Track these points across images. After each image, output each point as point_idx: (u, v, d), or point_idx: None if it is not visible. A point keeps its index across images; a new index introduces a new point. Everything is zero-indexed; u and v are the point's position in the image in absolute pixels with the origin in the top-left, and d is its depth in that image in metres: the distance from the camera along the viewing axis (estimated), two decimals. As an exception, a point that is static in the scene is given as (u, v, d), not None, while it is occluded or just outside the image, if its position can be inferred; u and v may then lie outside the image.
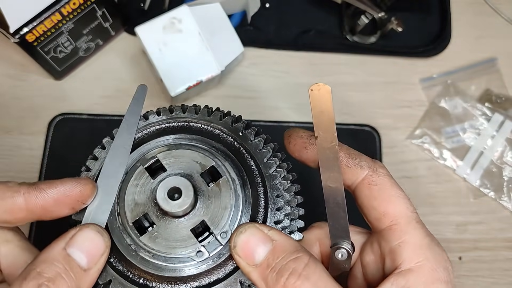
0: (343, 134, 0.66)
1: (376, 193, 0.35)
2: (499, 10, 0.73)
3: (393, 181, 0.35)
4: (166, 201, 0.32)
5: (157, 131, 0.37)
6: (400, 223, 0.34)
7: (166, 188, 0.32)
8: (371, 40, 0.70)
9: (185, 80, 0.59)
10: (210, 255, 0.33)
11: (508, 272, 0.63)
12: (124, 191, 0.34)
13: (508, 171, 0.66)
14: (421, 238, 0.34)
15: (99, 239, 0.31)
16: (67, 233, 0.31)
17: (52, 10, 0.55)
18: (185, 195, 0.32)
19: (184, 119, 0.38)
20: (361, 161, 0.36)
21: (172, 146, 0.35)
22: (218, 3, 0.62)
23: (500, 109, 0.68)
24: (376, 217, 0.35)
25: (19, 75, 0.67)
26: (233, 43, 0.63)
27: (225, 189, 0.34)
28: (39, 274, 0.29)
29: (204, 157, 0.35)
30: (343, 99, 0.68)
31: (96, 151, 0.36)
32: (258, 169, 0.36)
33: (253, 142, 0.36)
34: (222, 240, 0.33)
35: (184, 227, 0.33)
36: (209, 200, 0.34)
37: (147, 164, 0.35)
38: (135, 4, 0.69)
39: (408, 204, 0.35)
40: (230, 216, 0.33)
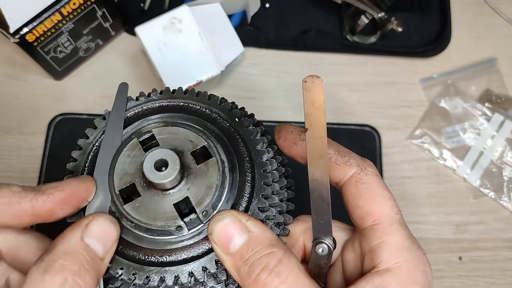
0: (343, 134, 0.66)
1: (362, 192, 0.35)
2: (499, 10, 0.73)
3: (380, 181, 0.35)
4: (152, 171, 0.32)
5: (157, 108, 0.38)
6: (383, 223, 0.34)
7: (153, 159, 0.33)
8: (371, 40, 0.70)
9: (185, 80, 0.59)
10: (189, 232, 0.33)
11: (508, 272, 0.63)
12: (115, 160, 0.35)
13: (508, 171, 0.66)
14: (401, 240, 0.34)
15: (112, 227, 0.32)
16: (81, 222, 0.31)
17: (52, 10, 0.55)
18: (171, 168, 0.32)
19: (184, 100, 0.38)
20: (350, 159, 0.36)
21: (168, 123, 0.36)
22: (218, 3, 0.62)
23: (500, 109, 0.68)
24: (359, 216, 0.35)
25: (19, 75, 0.67)
26: (233, 43, 0.63)
27: (212, 170, 0.34)
28: (63, 267, 0.29)
29: (197, 137, 0.35)
30: (343, 99, 0.68)
31: (80, 142, 0.37)
32: (249, 155, 0.36)
33: (248, 129, 0.37)
34: (203, 218, 0.33)
35: (168, 200, 0.34)
36: (195, 178, 0.34)
37: (142, 137, 0.35)
38: (135, 4, 0.69)
39: (393, 205, 0.35)
40: (214, 197, 0.34)
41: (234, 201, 0.34)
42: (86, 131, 0.37)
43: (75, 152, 0.37)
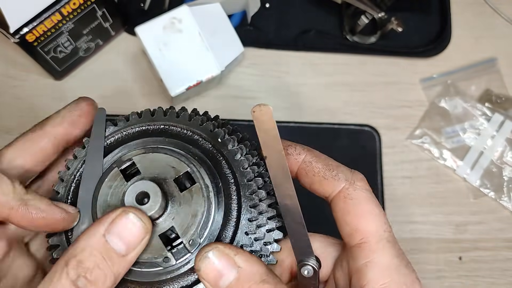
0: (343, 134, 0.66)
1: (350, 208, 0.34)
2: (499, 10, 0.73)
3: (370, 196, 0.34)
4: (133, 205, 0.32)
5: (137, 133, 0.37)
6: (370, 241, 0.33)
7: (134, 192, 0.32)
8: (371, 40, 0.70)
9: (185, 80, 0.59)
10: (177, 262, 0.33)
11: (508, 272, 0.63)
12: (97, 191, 0.34)
13: (508, 171, 0.66)
14: (389, 259, 0.33)
15: (139, 224, 0.31)
16: (107, 217, 0.31)
17: (52, 10, 0.55)
18: (153, 200, 0.32)
19: (164, 123, 0.37)
20: (339, 173, 0.35)
21: (149, 149, 0.35)
22: (218, 3, 0.62)
23: (500, 109, 0.68)
24: (347, 233, 0.34)
25: (19, 75, 0.67)
26: (233, 43, 0.63)
27: (197, 196, 0.33)
28: (79, 263, 0.29)
29: (179, 163, 0.34)
30: (343, 99, 0.69)
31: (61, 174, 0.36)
32: (234, 177, 0.35)
33: (231, 150, 0.36)
34: (190, 247, 0.32)
35: (153, 232, 0.33)
36: (180, 207, 0.33)
37: (122, 166, 0.34)
38: (135, 4, 0.69)
39: (381, 222, 0.34)
40: (200, 224, 0.33)
41: (221, 227, 0.34)
42: (66, 162, 0.36)
43: (58, 185, 0.36)
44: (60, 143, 0.37)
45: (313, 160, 0.36)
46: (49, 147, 0.36)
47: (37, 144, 0.36)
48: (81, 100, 0.38)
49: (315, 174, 0.35)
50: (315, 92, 0.69)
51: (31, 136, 0.36)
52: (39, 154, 0.36)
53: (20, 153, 0.36)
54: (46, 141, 0.36)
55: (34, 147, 0.36)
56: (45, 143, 0.36)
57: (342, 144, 0.65)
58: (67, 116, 0.37)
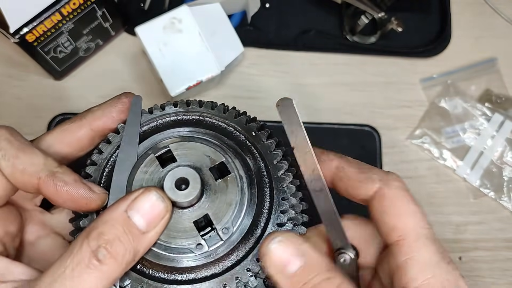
0: (343, 134, 0.66)
1: (386, 207, 0.34)
2: (499, 10, 0.73)
3: (406, 194, 0.34)
4: (173, 190, 0.32)
5: (172, 122, 0.38)
6: (408, 238, 0.33)
7: (174, 177, 0.33)
8: (371, 40, 0.70)
9: (185, 80, 0.59)
10: (210, 249, 0.33)
11: (508, 272, 0.63)
12: (133, 176, 0.34)
13: (508, 171, 0.66)
14: (429, 255, 0.32)
15: (160, 203, 0.32)
16: (129, 195, 0.32)
17: (52, 10, 0.55)
18: (192, 187, 0.32)
19: (199, 113, 0.38)
20: (372, 175, 0.35)
21: (185, 138, 0.36)
22: (218, 3, 0.62)
23: (500, 109, 0.68)
24: (385, 232, 0.34)
25: (19, 75, 0.67)
26: (233, 43, 0.63)
27: (231, 186, 0.34)
28: (99, 234, 0.30)
29: (215, 152, 0.35)
30: (343, 99, 0.69)
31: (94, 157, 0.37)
32: (267, 170, 0.36)
33: (265, 143, 0.37)
34: (223, 235, 0.33)
35: (187, 218, 0.33)
36: (215, 195, 0.34)
37: (158, 152, 0.35)
38: (135, 4, 0.69)
39: (419, 219, 0.34)
40: (234, 213, 0.33)
41: (254, 217, 0.34)
42: (100, 145, 0.37)
43: (89, 167, 0.36)
44: (97, 135, 0.38)
45: (346, 165, 0.36)
46: (85, 138, 0.38)
47: (74, 134, 0.38)
48: (123, 96, 0.39)
49: (349, 178, 0.36)
50: (315, 92, 0.69)
51: (70, 126, 0.38)
52: (75, 143, 0.38)
53: (58, 140, 0.38)
54: (83, 132, 0.38)
55: (71, 137, 0.38)
56: (82, 134, 0.38)
57: (342, 144, 0.65)
58: (107, 111, 0.38)
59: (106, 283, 0.29)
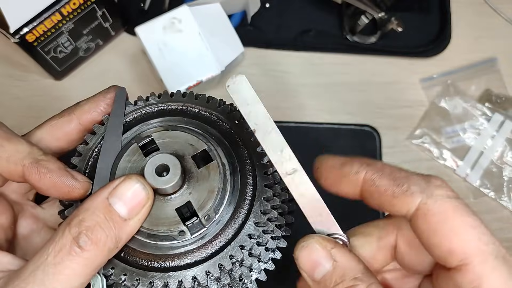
0: (343, 134, 0.66)
1: (435, 226, 0.28)
2: (499, 10, 0.73)
3: (457, 204, 0.29)
4: (153, 176, 0.32)
5: (156, 112, 0.38)
6: (473, 262, 0.27)
7: (154, 164, 0.33)
8: (371, 40, 0.70)
9: (185, 80, 0.59)
10: (192, 237, 0.33)
11: (508, 272, 0.63)
12: (116, 165, 0.35)
13: (508, 171, 0.66)
14: (503, 281, 0.27)
15: (141, 190, 0.32)
16: (111, 183, 0.32)
17: (52, 10, 0.55)
18: (172, 173, 0.32)
19: (182, 104, 0.38)
20: (410, 186, 0.29)
21: (168, 127, 0.36)
22: (218, 3, 0.62)
23: (500, 109, 0.68)
24: (440, 256, 0.28)
25: (19, 75, 0.67)
26: (233, 43, 0.63)
27: (214, 173, 0.34)
28: (80, 222, 0.30)
29: (197, 141, 0.35)
30: (343, 99, 0.68)
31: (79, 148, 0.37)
32: (250, 158, 0.36)
33: (248, 131, 0.37)
34: (206, 222, 0.33)
35: (170, 205, 0.34)
36: (197, 183, 0.34)
37: (141, 142, 0.35)
38: (135, 4, 0.69)
39: (481, 234, 0.28)
40: (216, 200, 0.33)
41: (236, 204, 0.34)
42: (85, 137, 0.37)
43: (75, 158, 0.37)
44: (86, 129, 0.38)
45: (376, 176, 0.30)
46: (74, 132, 0.38)
47: (63, 129, 0.38)
48: (112, 89, 0.39)
49: (381, 193, 0.30)
50: (315, 92, 0.69)
51: (59, 121, 0.38)
52: (64, 138, 0.38)
53: (47, 135, 0.38)
54: (72, 126, 0.38)
55: (60, 131, 0.38)
56: (71, 128, 0.38)
57: (342, 144, 0.65)
58: (95, 104, 0.38)
59: (88, 270, 0.29)
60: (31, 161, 0.33)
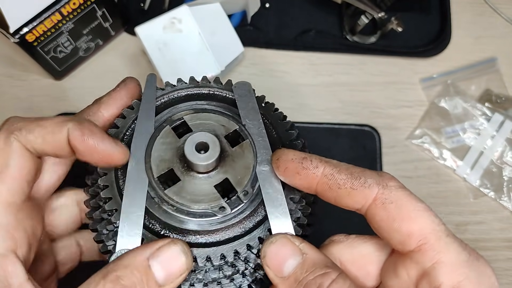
0: (343, 134, 0.66)
1: (393, 213, 0.30)
2: (499, 10, 0.73)
3: (408, 192, 0.31)
4: (193, 154, 0.33)
5: (184, 96, 0.39)
6: (430, 241, 0.30)
7: (194, 142, 0.34)
8: (371, 40, 0.70)
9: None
10: (232, 212, 0.34)
11: (508, 272, 0.63)
12: (150, 147, 0.35)
13: (508, 171, 0.66)
14: (457, 255, 0.30)
15: (183, 259, 0.31)
16: (155, 243, 0.31)
17: (52, 10, 0.55)
18: (212, 149, 0.34)
19: (209, 88, 0.40)
20: (367, 179, 0.31)
21: (199, 110, 0.37)
22: (218, 3, 0.62)
23: (500, 109, 0.68)
24: (400, 240, 0.31)
25: (19, 75, 0.67)
26: (233, 43, 0.63)
27: (247, 151, 0.36)
28: (117, 278, 0.29)
29: (228, 121, 0.37)
30: (343, 99, 0.68)
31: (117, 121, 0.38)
32: (278, 138, 0.37)
33: (275, 113, 0.38)
34: (244, 198, 0.34)
35: (208, 183, 0.35)
36: (232, 161, 0.35)
37: (174, 124, 0.36)
38: (135, 4, 0.69)
39: (432, 216, 0.31)
40: (252, 176, 0.35)
41: None
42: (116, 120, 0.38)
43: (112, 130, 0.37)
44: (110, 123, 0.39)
45: (335, 171, 0.32)
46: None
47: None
48: (128, 80, 0.39)
49: (340, 186, 0.31)
50: (315, 92, 0.69)
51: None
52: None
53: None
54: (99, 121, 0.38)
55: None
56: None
57: (342, 144, 0.65)
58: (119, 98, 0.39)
59: None
60: (74, 123, 0.33)
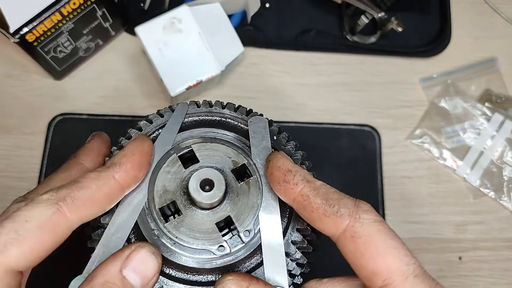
0: (343, 134, 0.66)
1: (361, 248, 0.29)
2: (499, 10, 0.73)
3: (381, 227, 0.30)
4: (198, 191, 0.32)
5: (194, 122, 0.38)
6: (395, 281, 0.29)
7: (199, 178, 0.33)
8: (371, 40, 0.70)
9: (185, 80, 0.59)
10: (231, 251, 0.33)
11: (508, 272, 0.63)
12: (155, 176, 0.34)
13: (508, 171, 0.66)
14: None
15: (153, 260, 0.31)
16: (122, 252, 0.31)
17: (52, 10, 0.55)
18: (217, 188, 0.32)
19: (222, 115, 0.38)
20: (340, 208, 0.30)
21: (207, 139, 0.36)
22: (218, 3, 0.62)
23: (500, 109, 0.68)
24: (366, 276, 0.30)
25: (19, 75, 0.67)
26: (233, 43, 0.63)
27: (253, 188, 0.34)
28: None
29: (237, 154, 0.35)
30: (343, 99, 0.69)
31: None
32: None
33: (285, 148, 0.37)
34: (245, 238, 0.33)
35: (210, 220, 0.33)
36: (237, 197, 0.34)
37: (180, 152, 0.35)
38: (135, 4, 0.69)
39: (402, 255, 0.29)
40: (256, 216, 0.33)
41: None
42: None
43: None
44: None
45: (312, 193, 0.31)
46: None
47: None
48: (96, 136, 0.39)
49: (313, 210, 0.31)
50: (315, 92, 0.69)
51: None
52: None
53: None
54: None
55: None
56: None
57: (342, 144, 0.65)
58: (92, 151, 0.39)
59: None
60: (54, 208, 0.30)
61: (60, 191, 0.30)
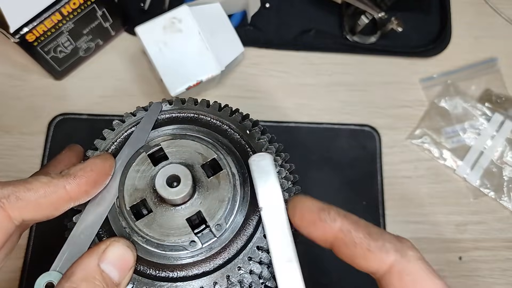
0: (343, 134, 0.66)
1: (409, 285, 0.29)
2: (499, 10, 0.73)
3: (427, 266, 0.29)
4: (164, 188, 0.32)
5: (167, 119, 0.38)
6: None
7: (165, 175, 0.32)
8: (371, 40, 0.70)
9: (185, 80, 0.59)
10: (203, 246, 0.33)
11: (508, 272, 0.63)
12: (125, 175, 0.34)
13: (508, 171, 0.66)
14: None
15: (129, 253, 0.32)
16: (97, 247, 0.31)
17: (52, 10, 0.55)
18: (184, 184, 0.32)
19: (194, 111, 0.38)
20: (385, 243, 0.29)
21: (177, 136, 0.36)
22: (218, 3, 0.62)
23: (500, 109, 0.68)
24: None
25: (19, 75, 0.67)
26: (233, 43, 0.63)
27: (224, 183, 0.34)
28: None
29: (207, 149, 0.35)
30: (343, 99, 0.69)
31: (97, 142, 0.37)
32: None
33: (259, 142, 0.37)
34: (216, 232, 0.33)
35: (180, 216, 0.33)
36: (207, 192, 0.34)
37: (150, 151, 0.35)
38: (135, 4, 0.69)
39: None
40: (227, 210, 0.33)
41: (246, 215, 0.34)
42: (96, 142, 0.37)
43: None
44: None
45: (352, 228, 0.30)
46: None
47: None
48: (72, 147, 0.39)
49: (356, 245, 0.29)
50: (315, 92, 0.69)
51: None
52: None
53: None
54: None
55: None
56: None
57: (342, 144, 0.65)
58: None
59: None
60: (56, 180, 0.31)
61: (6, 188, 0.30)
